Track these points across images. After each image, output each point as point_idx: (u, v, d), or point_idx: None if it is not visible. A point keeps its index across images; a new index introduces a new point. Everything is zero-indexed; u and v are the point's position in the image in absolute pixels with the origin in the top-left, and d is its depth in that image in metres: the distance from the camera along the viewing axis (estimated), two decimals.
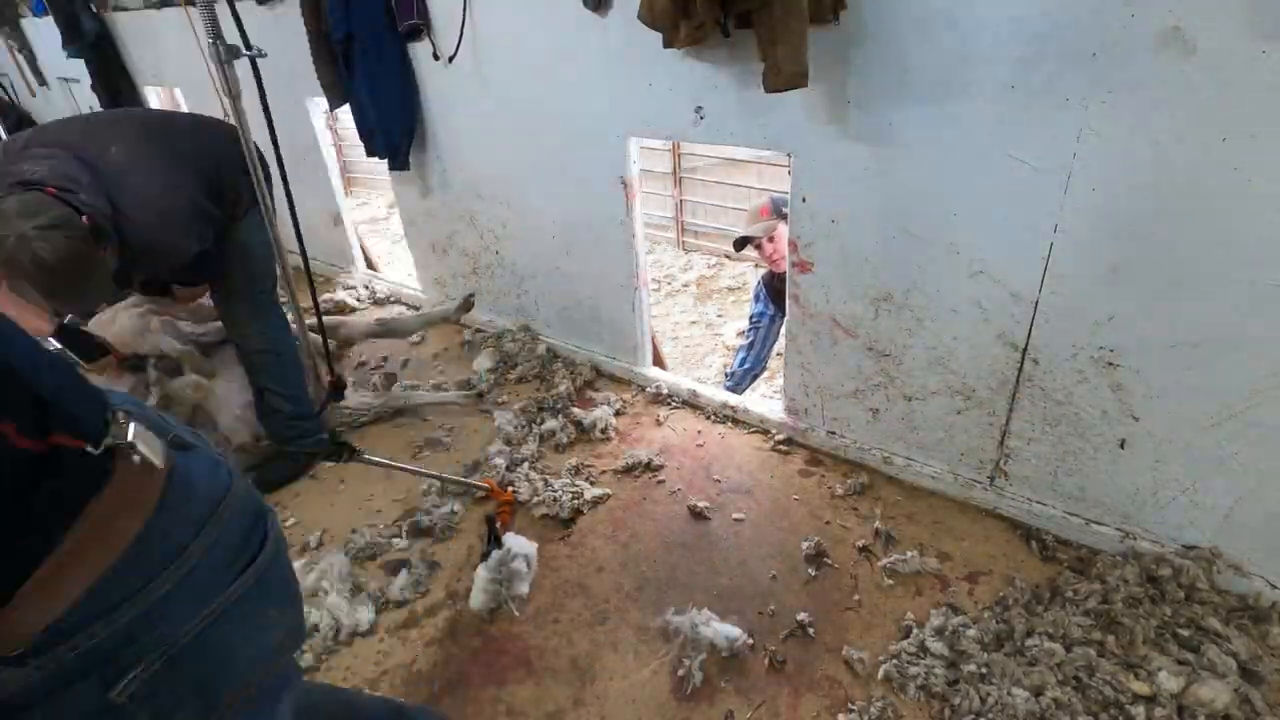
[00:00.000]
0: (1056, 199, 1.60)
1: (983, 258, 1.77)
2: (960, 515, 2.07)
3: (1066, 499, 1.92)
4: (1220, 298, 1.50)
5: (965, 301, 1.84)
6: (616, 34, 2.15)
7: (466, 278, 3.37)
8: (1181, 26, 1.34)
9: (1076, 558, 1.87)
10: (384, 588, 1.96)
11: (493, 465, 2.39)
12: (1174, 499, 1.74)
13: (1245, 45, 1.30)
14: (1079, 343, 1.72)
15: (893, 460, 2.21)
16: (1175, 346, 1.59)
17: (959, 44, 1.59)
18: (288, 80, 3.36)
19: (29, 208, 1.71)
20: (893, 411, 2.14)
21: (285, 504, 2.36)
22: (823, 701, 1.59)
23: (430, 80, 2.88)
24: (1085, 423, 1.79)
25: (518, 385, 2.94)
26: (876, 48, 1.70)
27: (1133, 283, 1.59)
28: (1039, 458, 1.92)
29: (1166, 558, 1.74)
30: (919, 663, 1.62)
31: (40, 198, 1.73)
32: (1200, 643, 1.57)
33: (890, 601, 1.82)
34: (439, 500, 2.28)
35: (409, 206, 3.46)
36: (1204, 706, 1.44)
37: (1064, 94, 1.51)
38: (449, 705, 1.65)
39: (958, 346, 1.92)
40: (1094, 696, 1.49)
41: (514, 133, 2.68)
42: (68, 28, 4.43)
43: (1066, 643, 1.61)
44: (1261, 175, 1.36)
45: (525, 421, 2.63)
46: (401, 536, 2.15)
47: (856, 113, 1.80)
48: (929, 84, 1.66)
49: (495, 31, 2.52)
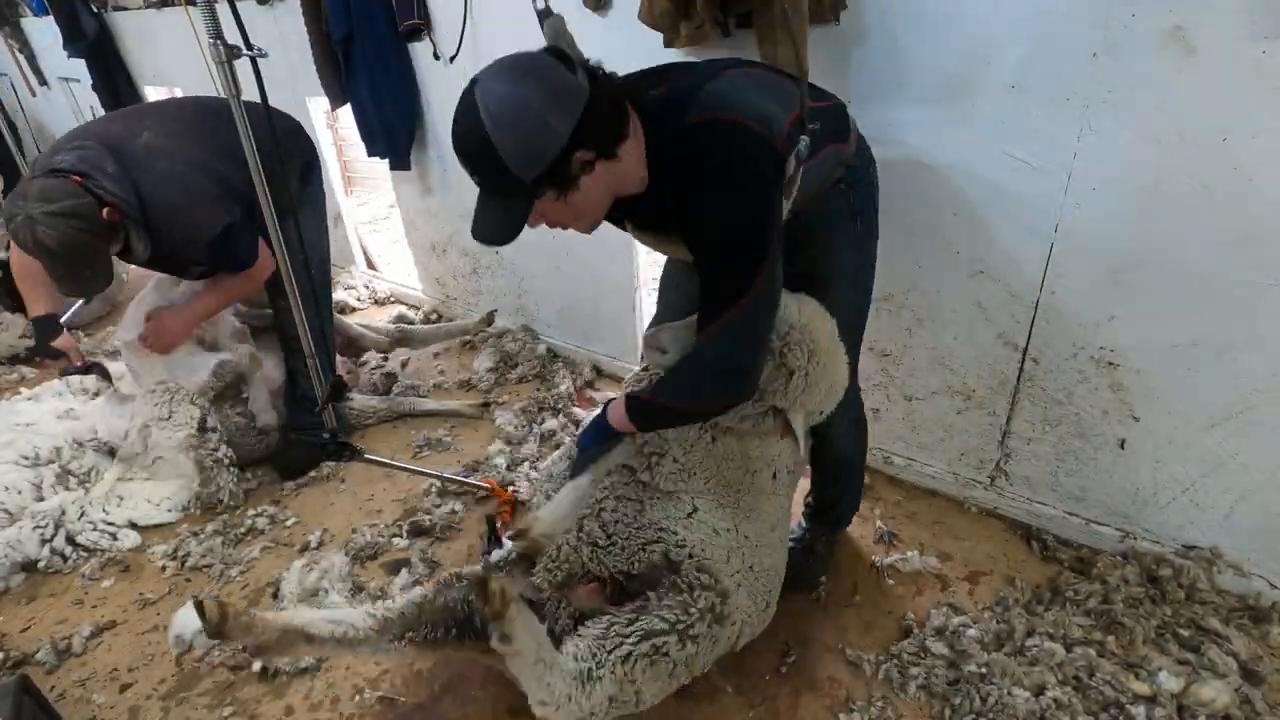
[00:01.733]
0: (1057, 199, 1.60)
1: (983, 258, 1.77)
2: (960, 515, 2.07)
3: (1067, 499, 1.92)
4: (1220, 298, 1.50)
5: (965, 301, 1.84)
6: (617, 34, 2.15)
7: (466, 277, 3.37)
8: (1182, 26, 1.34)
9: (1077, 558, 1.87)
10: (384, 587, 1.96)
11: (493, 465, 2.39)
12: (1174, 499, 1.74)
13: (1246, 45, 1.30)
14: (1079, 343, 1.72)
15: (893, 460, 2.21)
16: (1175, 346, 1.59)
17: (959, 44, 1.59)
18: (288, 80, 3.36)
19: (47, 193, 1.81)
20: (893, 411, 2.14)
21: (286, 504, 2.36)
22: (823, 701, 1.59)
23: (431, 80, 2.88)
24: (1085, 423, 1.79)
25: (518, 385, 2.94)
26: (877, 47, 1.70)
27: (1133, 283, 1.59)
28: (1039, 458, 1.91)
29: (1167, 558, 1.74)
30: (919, 663, 1.62)
31: (63, 185, 1.83)
32: (1200, 643, 1.57)
33: (890, 601, 1.82)
34: (439, 500, 2.28)
35: (409, 206, 3.46)
36: (1204, 707, 1.44)
37: (1064, 94, 1.51)
38: (449, 705, 1.65)
39: (958, 346, 1.92)
40: (1094, 697, 1.49)
41: None
42: (68, 27, 4.44)
43: (1067, 643, 1.60)
44: (1262, 175, 1.36)
45: (525, 421, 2.63)
46: (402, 536, 2.15)
47: (857, 112, 1.79)
48: (929, 84, 1.66)
49: (495, 31, 2.52)
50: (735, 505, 1.50)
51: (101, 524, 2.24)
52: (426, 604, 1.39)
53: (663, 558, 1.38)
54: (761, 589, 1.50)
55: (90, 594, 2.04)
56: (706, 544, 1.41)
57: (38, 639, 1.89)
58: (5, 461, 2.33)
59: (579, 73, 1.14)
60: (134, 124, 2.06)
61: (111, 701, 1.72)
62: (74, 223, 1.81)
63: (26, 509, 2.22)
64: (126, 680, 1.77)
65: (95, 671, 1.80)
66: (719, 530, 1.44)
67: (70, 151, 1.94)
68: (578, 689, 1.24)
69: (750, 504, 1.52)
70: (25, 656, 1.84)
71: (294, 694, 1.70)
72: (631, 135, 1.21)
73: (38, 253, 1.84)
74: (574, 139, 1.12)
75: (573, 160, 1.15)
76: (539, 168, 1.13)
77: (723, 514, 1.47)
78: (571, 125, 1.11)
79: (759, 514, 1.53)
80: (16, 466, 2.32)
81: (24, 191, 1.83)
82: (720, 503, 1.48)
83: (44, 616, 1.98)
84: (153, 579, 2.08)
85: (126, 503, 2.33)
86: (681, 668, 1.32)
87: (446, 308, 3.61)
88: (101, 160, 1.92)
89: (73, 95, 5.67)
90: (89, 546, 2.18)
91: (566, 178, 1.16)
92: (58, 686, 1.76)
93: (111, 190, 1.88)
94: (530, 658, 1.22)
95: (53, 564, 2.12)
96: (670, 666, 1.30)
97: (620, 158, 1.20)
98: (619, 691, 1.27)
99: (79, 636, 1.87)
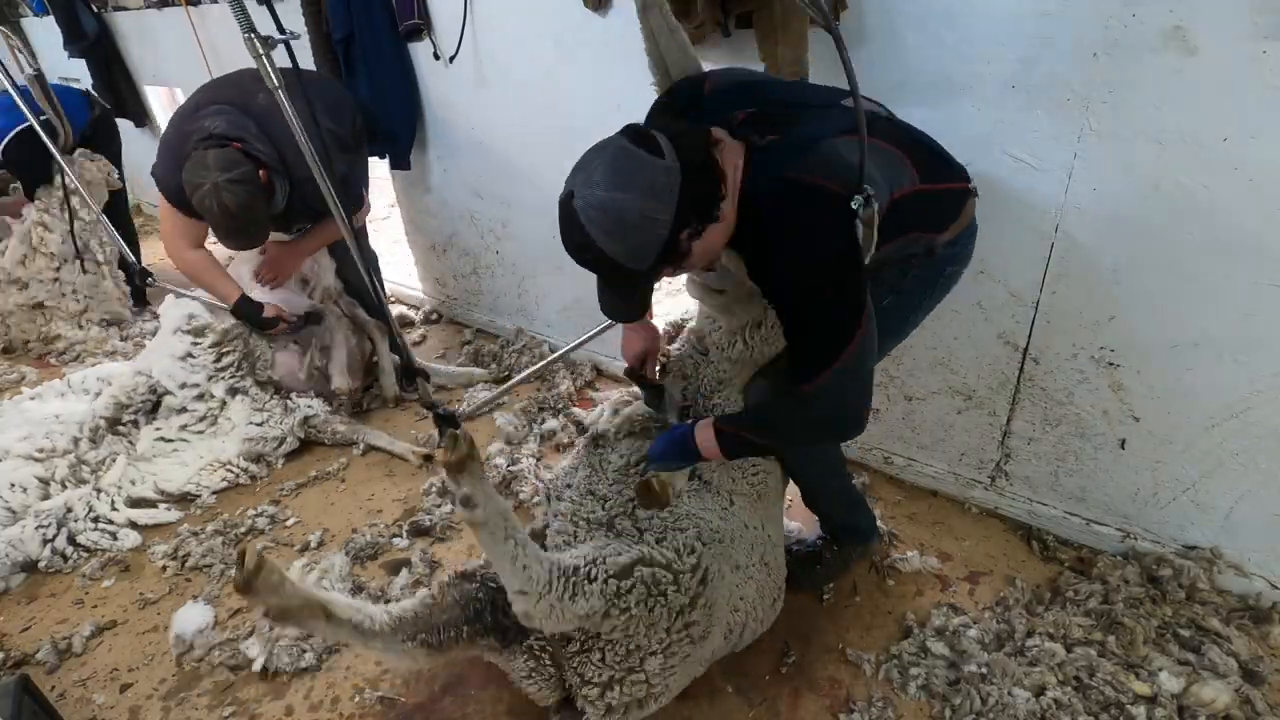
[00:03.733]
0: (1057, 199, 1.60)
1: (983, 258, 1.76)
2: (961, 515, 2.07)
3: (1067, 499, 1.91)
4: (1220, 298, 1.50)
5: (966, 301, 1.84)
6: (616, 34, 2.15)
7: (467, 278, 3.37)
8: (1183, 26, 1.34)
9: (1077, 558, 1.87)
10: (384, 587, 1.96)
11: (493, 465, 2.39)
12: (1174, 499, 1.74)
13: (1246, 45, 1.30)
14: (1079, 343, 1.72)
15: (893, 460, 2.21)
16: (1175, 346, 1.59)
17: (959, 43, 1.59)
18: None
19: (224, 161, 2.11)
20: (893, 411, 2.14)
21: (286, 504, 2.36)
22: (823, 701, 1.59)
23: (431, 80, 2.88)
24: (1086, 423, 1.79)
25: (518, 385, 2.94)
26: (877, 47, 1.70)
27: (1133, 283, 1.59)
28: (1039, 458, 1.91)
29: (1167, 558, 1.73)
30: (920, 663, 1.62)
31: (233, 154, 2.13)
32: (1201, 643, 1.57)
33: (890, 601, 1.82)
34: (439, 500, 2.28)
35: (409, 206, 3.46)
36: (1205, 707, 1.44)
37: (1065, 94, 1.51)
38: (449, 705, 1.65)
39: (958, 346, 1.92)
40: (1095, 697, 1.49)
41: (514, 133, 2.68)
42: (68, 27, 4.43)
43: (1067, 643, 1.61)
44: (1262, 175, 1.36)
45: (526, 421, 2.62)
46: (402, 536, 2.15)
47: None
48: (929, 83, 1.66)
49: (496, 31, 2.52)
50: (758, 503, 1.58)
51: (105, 520, 2.24)
52: (438, 601, 1.38)
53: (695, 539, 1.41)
54: (771, 585, 1.57)
55: (90, 594, 2.05)
56: (736, 535, 1.48)
57: (38, 639, 1.89)
58: (18, 455, 2.36)
59: (664, 149, 1.14)
60: (246, 86, 2.27)
61: (111, 701, 1.72)
62: (248, 187, 2.11)
63: (30, 507, 2.22)
64: (127, 680, 1.77)
65: (95, 671, 1.80)
66: (749, 525, 1.53)
67: (214, 117, 2.20)
68: (561, 583, 1.22)
69: (767, 507, 1.61)
70: (25, 656, 1.84)
71: (294, 694, 1.70)
72: (729, 192, 1.21)
73: (221, 216, 2.12)
74: (677, 222, 1.14)
75: (680, 240, 1.17)
76: (651, 258, 1.16)
77: (753, 512, 1.56)
78: (672, 212, 1.13)
79: (772, 518, 1.62)
80: (28, 462, 2.34)
81: (203, 162, 2.10)
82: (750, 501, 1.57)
83: (44, 616, 1.98)
84: (153, 579, 2.08)
85: (140, 485, 2.35)
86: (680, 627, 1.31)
87: (447, 308, 3.61)
88: (246, 124, 2.19)
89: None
90: (89, 546, 2.18)
91: (678, 254, 1.20)
92: (58, 686, 1.76)
93: (264, 151, 2.18)
94: (499, 532, 1.20)
95: (53, 564, 2.12)
96: (666, 615, 1.29)
97: (723, 215, 1.22)
98: (606, 614, 1.24)
99: (79, 636, 1.87)
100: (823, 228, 1.18)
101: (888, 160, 1.27)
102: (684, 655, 1.36)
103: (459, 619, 1.36)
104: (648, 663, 1.33)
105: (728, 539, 1.45)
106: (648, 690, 1.34)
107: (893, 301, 1.43)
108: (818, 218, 1.18)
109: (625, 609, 1.26)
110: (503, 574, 1.24)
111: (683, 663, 1.37)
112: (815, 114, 1.30)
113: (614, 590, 1.25)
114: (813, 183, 1.18)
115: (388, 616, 1.35)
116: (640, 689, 1.34)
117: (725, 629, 1.44)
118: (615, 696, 1.34)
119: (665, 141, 1.15)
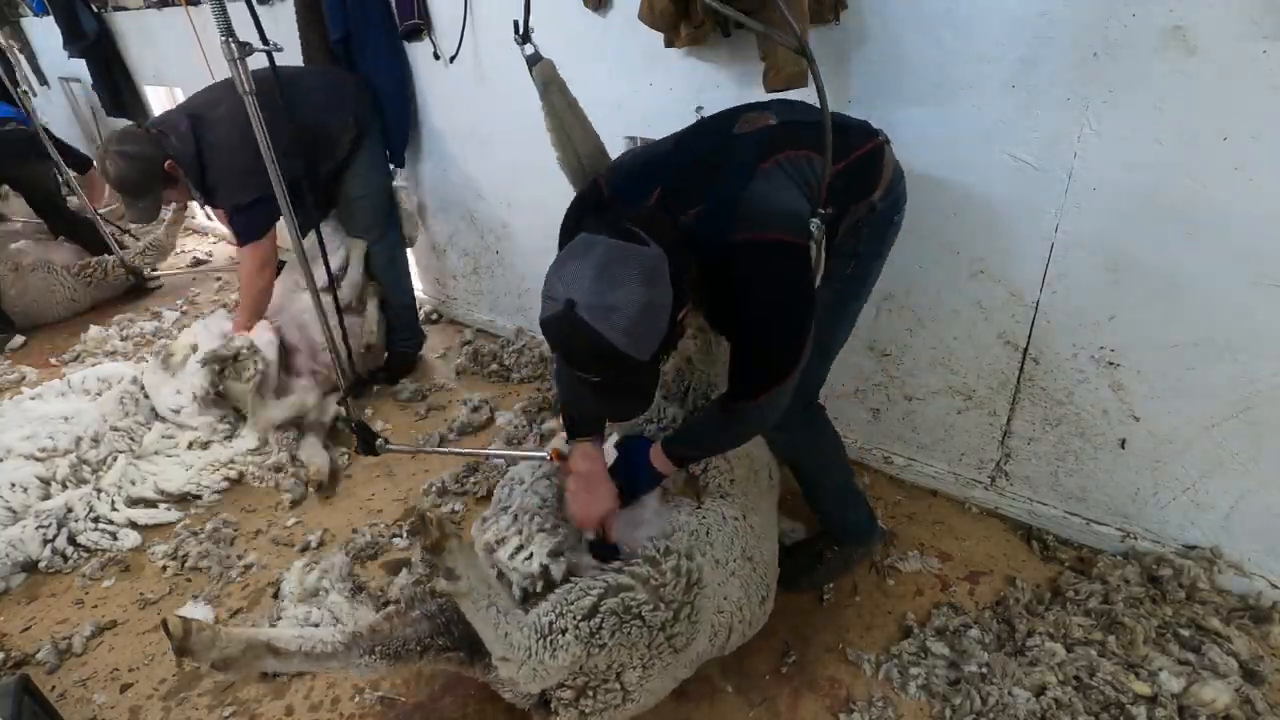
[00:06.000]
0: (1057, 199, 1.60)
1: (983, 258, 1.77)
2: (961, 515, 2.07)
3: (1067, 499, 1.92)
4: (1220, 297, 1.50)
5: (966, 301, 1.84)
6: (617, 34, 2.15)
7: (466, 278, 3.37)
8: (1182, 26, 1.34)
9: (1077, 558, 1.87)
10: (384, 587, 1.96)
11: (493, 465, 2.39)
12: (1174, 499, 1.74)
13: (1246, 45, 1.30)
14: (1080, 342, 1.72)
15: (893, 460, 2.21)
16: (1175, 346, 1.59)
17: (959, 44, 1.59)
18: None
19: (121, 136, 2.40)
20: (893, 411, 2.14)
21: (285, 503, 2.36)
22: (823, 701, 1.59)
23: (430, 80, 2.88)
24: (1086, 422, 1.79)
25: (518, 385, 2.94)
26: (877, 48, 1.70)
27: (1133, 282, 1.59)
28: (1039, 457, 1.91)
29: (1167, 558, 1.74)
30: (920, 663, 1.62)
31: (136, 132, 2.43)
32: (1201, 643, 1.57)
33: (890, 601, 1.82)
34: (440, 500, 2.28)
35: (409, 206, 3.45)
36: (1205, 707, 1.44)
37: (1065, 93, 1.51)
38: (449, 705, 1.65)
39: (958, 346, 1.92)
40: (1095, 697, 1.49)
41: (514, 132, 2.68)
42: (68, 27, 4.43)
43: (1067, 643, 1.61)
44: (1263, 174, 1.36)
45: (525, 421, 2.62)
46: (402, 536, 2.15)
47: (857, 112, 1.79)
48: (929, 84, 1.66)
49: (496, 31, 2.52)
50: (744, 498, 1.58)
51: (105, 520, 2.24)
52: (396, 617, 1.39)
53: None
54: (758, 580, 1.53)
55: (90, 594, 2.05)
56: (713, 528, 1.47)
57: (38, 639, 1.89)
58: (20, 455, 2.36)
59: (644, 237, 1.14)
60: (219, 95, 2.48)
61: (112, 701, 1.72)
62: (135, 163, 2.36)
63: (31, 507, 2.22)
64: (127, 680, 1.77)
65: (96, 671, 1.80)
66: (727, 517, 1.51)
67: (169, 112, 2.53)
68: (539, 644, 1.22)
69: (755, 501, 1.60)
70: (26, 656, 1.84)
71: (294, 694, 1.70)
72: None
73: (108, 179, 2.40)
74: (677, 302, 1.16)
75: (679, 321, 1.20)
76: (658, 343, 1.17)
77: (732, 504, 1.55)
78: (670, 293, 1.14)
79: (760, 510, 1.61)
80: (30, 461, 2.35)
81: (113, 133, 2.43)
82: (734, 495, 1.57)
83: (44, 616, 1.98)
84: (153, 579, 2.08)
85: (141, 485, 2.34)
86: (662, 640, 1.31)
87: (447, 308, 3.61)
88: (179, 122, 2.42)
89: (73, 95, 5.67)
90: (90, 546, 2.18)
91: (675, 335, 1.22)
92: (58, 686, 1.76)
93: (175, 147, 2.40)
94: (481, 600, 1.21)
95: (53, 564, 2.12)
96: (646, 634, 1.29)
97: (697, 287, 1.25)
98: (588, 655, 1.25)
99: (79, 636, 1.87)
100: (790, 275, 1.23)
101: (799, 169, 1.30)
102: (664, 665, 1.35)
103: (424, 633, 1.36)
104: (625, 675, 1.32)
105: (702, 533, 1.44)
106: (624, 697, 1.34)
107: (855, 264, 1.50)
108: (782, 267, 1.23)
109: (602, 645, 1.26)
110: (486, 640, 1.25)
111: (662, 672, 1.36)
112: (722, 160, 1.32)
113: (587, 632, 1.25)
114: (763, 240, 1.21)
115: (341, 636, 1.35)
116: (615, 696, 1.33)
117: (710, 632, 1.42)
118: (589, 704, 1.33)
119: (641, 230, 1.16)
